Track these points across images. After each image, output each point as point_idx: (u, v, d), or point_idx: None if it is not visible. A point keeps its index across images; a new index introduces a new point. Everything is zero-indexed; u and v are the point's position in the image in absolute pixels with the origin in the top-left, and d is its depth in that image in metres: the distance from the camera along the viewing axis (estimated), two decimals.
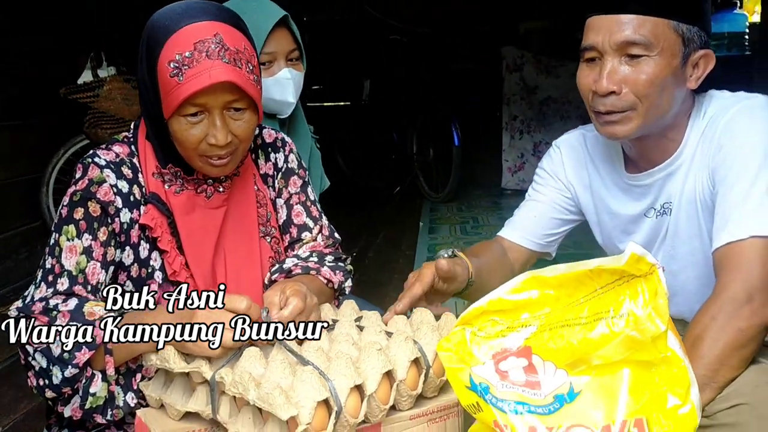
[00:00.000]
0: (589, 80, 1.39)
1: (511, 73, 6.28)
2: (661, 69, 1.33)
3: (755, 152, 1.31)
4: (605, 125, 1.40)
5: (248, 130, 1.34)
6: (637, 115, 1.36)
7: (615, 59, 1.34)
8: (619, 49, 1.33)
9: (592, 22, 1.37)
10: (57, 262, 1.30)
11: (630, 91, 1.34)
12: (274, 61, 1.82)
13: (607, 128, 1.39)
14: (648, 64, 1.33)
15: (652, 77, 1.33)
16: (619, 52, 1.34)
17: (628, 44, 1.32)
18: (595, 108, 1.40)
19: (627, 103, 1.35)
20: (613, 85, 1.34)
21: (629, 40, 1.32)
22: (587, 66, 1.40)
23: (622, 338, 0.94)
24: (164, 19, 1.29)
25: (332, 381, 1.06)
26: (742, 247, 1.26)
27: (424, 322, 1.26)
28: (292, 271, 1.44)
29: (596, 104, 1.38)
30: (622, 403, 0.94)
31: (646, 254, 0.93)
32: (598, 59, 1.37)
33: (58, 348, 1.20)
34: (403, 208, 5.80)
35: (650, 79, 1.33)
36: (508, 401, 0.97)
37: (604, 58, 1.35)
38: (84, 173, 1.34)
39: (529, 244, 1.66)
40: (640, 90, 1.34)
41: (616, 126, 1.38)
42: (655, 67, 1.33)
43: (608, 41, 1.33)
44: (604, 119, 1.39)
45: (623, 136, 1.39)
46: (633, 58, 1.33)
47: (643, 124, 1.37)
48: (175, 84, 1.24)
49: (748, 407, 1.21)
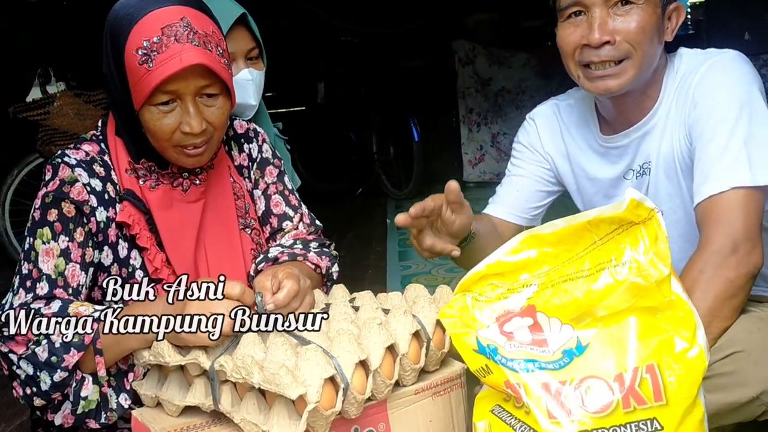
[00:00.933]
0: (576, 36, 1.38)
1: (463, 67, 6.31)
2: (649, 16, 1.35)
3: (730, 105, 1.32)
4: (598, 80, 1.39)
5: (222, 117, 1.31)
6: (632, 65, 1.36)
7: (603, 10, 1.35)
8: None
9: None
10: (34, 267, 1.25)
11: (623, 39, 1.35)
12: (233, 61, 1.73)
13: (600, 83, 1.39)
14: (637, 12, 1.34)
15: (642, 24, 1.34)
16: (607, 2, 1.35)
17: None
18: (586, 61, 1.38)
19: (622, 52, 1.35)
20: (606, 35, 1.35)
21: None
22: (569, 24, 1.40)
23: (626, 286, 0.95)
24: (126, 8, 1.25)
25: (336, 358, 1.03)
26: (723, 200, 1.28)
27: (420, 296, 1.25)
28: (278, 258, 1.41)
29: (588, 57, 1.38)
30: (632, 351, 0.94)
31: (644, 199, 0.93)
32: (583, 14, 1.37)
33: (45, 352, 1.15)
34: (368, 208, 5.79)
35: (641, 26, 1.34)
36: (517, 360, 0.97)
37: (592, 10, 1.36)
38: (54, 174, 1.30)
39: (516, 219, 1.66)
40: (633, 38, 1.34)
41: (610, 80, 1.37)
42: (643, 14, 1.34)
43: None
44: (597, 74, 1.38)
45: (618, 89, 1.38)
46: (622, 7, 1.34)
47: (637, 74, 1.37)
48: (145, 71, 1.21)
49: (744, 354, 1.23)
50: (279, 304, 1.16)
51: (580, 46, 1.38)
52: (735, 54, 1.40)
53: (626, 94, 1.42)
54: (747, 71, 1.36)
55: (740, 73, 1.35)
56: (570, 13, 1.39)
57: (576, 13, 1.38)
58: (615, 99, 1.45)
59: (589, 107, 1.56)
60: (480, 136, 6.40)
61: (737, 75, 1.35)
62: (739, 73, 1.36)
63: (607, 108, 1.50)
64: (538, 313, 1.00)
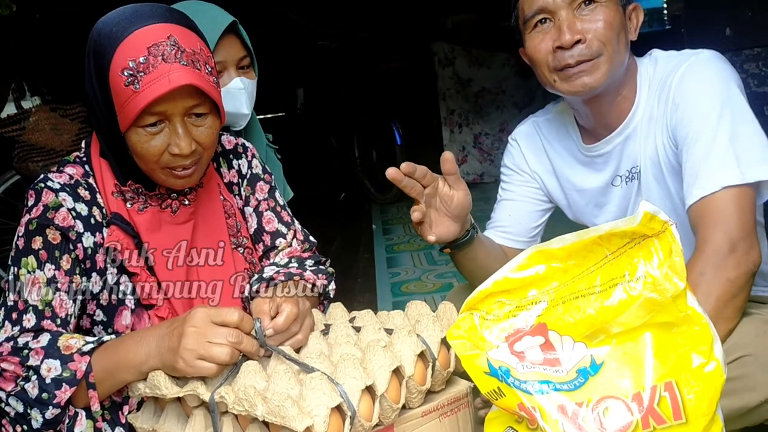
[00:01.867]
0: (547, 42, 1.40)
1: (443, 68, 6.31)
2: (614, 13, 1.37)
3: (711, 105, 1.32)
4: (574, 78, 1.39)
5: (212, 136, 1.26)
6: (604, 61, 1.37)
7: (569, 12, 1.37)
8: (571, 1, 1.36)
9: None
10: (20, 298, 1.20)
11: (594, 37, 1.36)
12: (224, 70, 1.71)
13: (577, 81, 1.39)
14: (602, 10, 1.37)
15: (609, 20, 1.36)
16: (571, 5, 1.37)
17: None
18: (562, 64, 1.39)
19: (594, 50, 1.37)
20: (577, 34, 1.36)
21: None
22: (538, 32, 1.41)
23: (641, 301, 0.92)
24: (111, 26, 1.19)
25: (342, 385, 1.00)
26: (715, 200, 1.27)
27: (423, 314, 1.21)
28: (273, 279, 1.36)
29: (563, 59, 1.38)
30: (649, 369, 0.91)
31: (658, 212, 0.91)
32: (549, 21, 1.39)
33: (36, 388, 1.10)
34: (352, 213, 5.75)
35: (608, 23, 1.36)
36: (531, 382, 0.94)
37: (558, 15, 1.38)
38: (37, 199, 1.24)
39: (515, 244, 1.64)
40: (603, 35, 1.36)
41: (585, 76, 1.38)
42: (608, 11, 1.37)
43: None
44: (573, 72, 1.38)
45: (594, 84, 1.38)
46: (586, 8, 1.36)
47: (610, 70, 1.38)
48: (131, 93, 1.15)
49: (752, 358, 1.22)
50: (278, 328, 1.12)
51: (552, 51, 1.39)
52: (710, 53, 1.40)
53: (601, 97, 1.43)
54: (724, 69, 1.37)
55: (718, 72, 1.36)
56: (536, 22, 1.41)
57: (542, 20, 1.40)
58: (591, 104, 1.45)
59: (569, 119, 1.56)
60: (462, 137, 6.40)
61: (715, 74, 1.36)
62: (716, 72, 1.36)
63: (585, 116, 1.50)
64: (550, 332, 0.97)
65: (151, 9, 1.22)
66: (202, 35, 1.26)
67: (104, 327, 1.29)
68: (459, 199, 1.36)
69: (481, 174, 6.22)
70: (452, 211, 1.38)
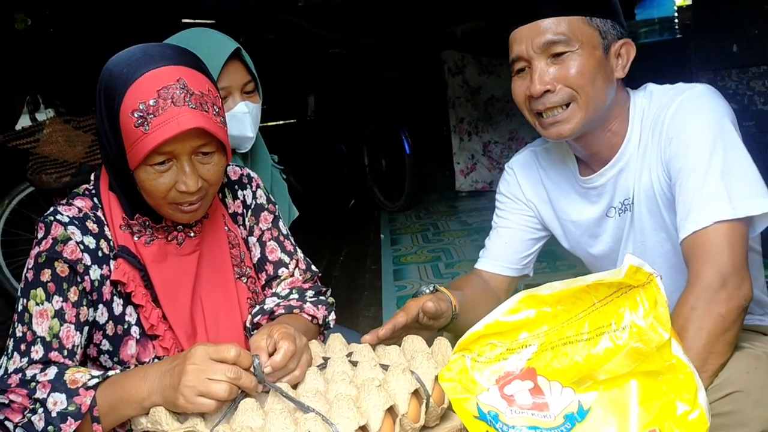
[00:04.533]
0: (522, 89, 1.44)
1: (453, 76, 6.33)
2: (587, 60, 1.39)
3: (704, 139, 1.34)
4: (550, 127, 1.43)
5: (218, 173, 1.30)
6: (578, 108, 1.40)
7: (542, 62, 1.40)
8: (543, 51, 1.39)
9: (514, 36, 1.43)
10: (28, 329, 1.23)
11: (564, 85, 1.39)
12: (229, 95, 1.76)
13: (553, 129, 1.43)
14: (572, 58, 1.39)
15: (580, 69, 1.38)
16: (544, 54, 1.39)
17: (550, 44, 1.38)
18: (534, 110, 1.43)
19: (564, 97, 1.40)
20: (546, 84, 1.39)
21: (550, 40, 1.38)
22: (519, 78, 1.45)
23: (627, 351, 0.94)
24: (121, 67, 1.23)
25: (336, 425, 1.03)
26: (707, 234, 1.29)
27: (418, 351, 1.24)
28: (274, 312, 1.40)
29: (536, 106, 1.42)
30: (634, 416, 0.94)
31: (643, 264, 0.93)
32: (527, 68, 1.42)
33: (42, 421, 1.14)
34: (361, 221, 5.78)
35: (579, 71, 1.38)
36: (519, 427, 0.96)
37: (533, 64, 1.40)
38: (47, 232, 1.28)
39: (508, 272, 1.67)
40: (574, 82, 1.39)
41: (561, 125, 1.42)
42: (579, 59, 1.39)
43: (531, 47, 1.39)
44: (548, 121, 1.43)
45: (570, 132, 1.42)
46: (558, 57, 1.39)
47: (587, 116, 1.41)
48: (141, 134, 1.19)
49: (743, 394, 1.23)
50: (276, 366, 1.15)
51: (527, 98, 1.43)
52: (704, 87, 1.42)
53: (587, 135, 1.46)
54: (717, 104, 1.39)
55: (711, 107, 1.38)
56: (518, 69, 1.44)
57: (521, 69, 1.44)
58: (578, 140, 1.48)
59: (567, 150, 1.59)
60: (471, 146, 6.42)
61: (709, 108, 1.37)
62: (710, 107, 1.38)
63: (577, 149, 1.54)
64: (539, 377, 0.99)
65: (161, 51, 1.25)
66: (209, 75, 1.30)
67: (110, 356, 1.32)
68: (441, 323, 1.45)
69: (490, 182, 6.24)
70: (430, 330, 1.45)
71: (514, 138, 6.36)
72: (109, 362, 1.33)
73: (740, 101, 3.31)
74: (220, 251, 1.44)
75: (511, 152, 6.37)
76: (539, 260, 1.74)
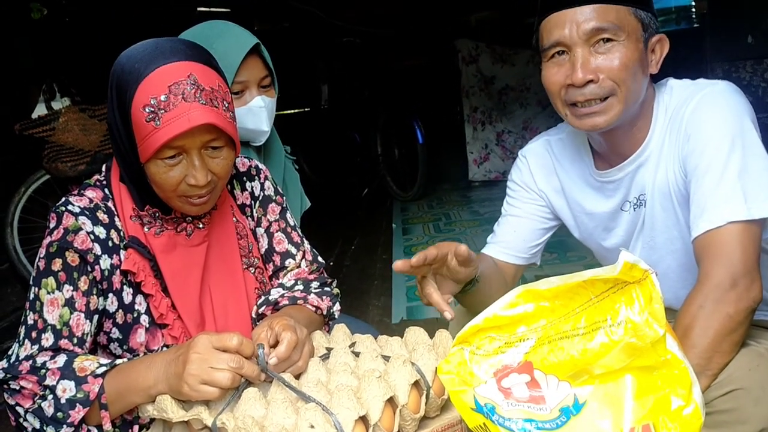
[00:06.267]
0: (560, 76, 1.39)
1: (467, 65, 6.31)
2: (632, 53, 1.35)
3: (723, 138, 1.32)
4: (585, 117, 1.39)
5: (227, 167, 1.32)
6: (618, 101, 1.36)
7: (585, 49, 1.35)
8: (588, 38, 1.34)
9: (552, 19, 1.37)
10: (39, 317, 1.26)
11: (607, 77, 1.35)
12: (246, 90, 1.78)
13: (587, 120, 1.39)
14: (619, 49, 1.34)
15: (625, 61, 1.34)
16: (589, 41, 1.35)
17: (597, 31, 1.34)
18: (572, 100, 1.39)
19: (606, 90, 1.36)
20: (589, 74, 1.35)
21: (599, 27, 1.34)
22: (553, 64, 1.40)
23: (622, 346, 0.95)
24: (133, 62, 1.25)
25: (336, 415, 1.05)
26: (720, 234, 1.28)
27: (419, 342, 1.26)
28: (278, 302, 1.42)
29: (574, 96, 1.38)
30: (629, 410, 0.95)
31: (638, 261, 0.94)
32: (566, 53, 1.37)
33: (51, 407, 1.17)
34: (374, 210, 5.80)
35: (624, 63, 1.34)
36: (515, 420, 0.98)
37: (574, 50, 1.36)
38: (58, 222, 1.31)
39: (516, 260, 1.65)
40: (617, 75, 1.35)
41: (597, 117, 1.38)
42: (626, 51, 1.34)
43: (576, 33, 1.34)
44: (583, 111, 1.38)
45: (605, 125, 1.38)
46: (603, 45, 1.34)
47: (623, 110, 1.37)
48: (152, 129, 1.21)
49: (744, 392, 1.23)
50: (281, 357, 1.18)
51: (565, 86, 1.38)
52: (725, 85, 1.40)
53: (615, 129, 1.42)
54: (738, 102, 1.36)
55: (731, 105, 1.35)
56: (553, 53, 1.39)
57: (559, 52, 1.39)
58: (605, 134, 1.45)
59: (582, 141, 1.56)
60: (485, 135, 6.40)
61: (728, 107, 1.35)
62: (730, 105, 1.35)
63: (599, 143, 1.50)
64: (536, 371, 1.01)
65: (172, 46, 1.27)
66: (219, 70, 1.31)
67: (120, 344, 1.35)
68: (467, 274, 1.36)
69: (503, 172, 6.22)
70: (457, 280, 1.38)
71: (527, 128, 6.33)
72: (119, 350, 1.36)
73: (754, 93, 3.29)
74: (228, 242, 1.46)
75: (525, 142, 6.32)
76: (549, 251, 1.73)
